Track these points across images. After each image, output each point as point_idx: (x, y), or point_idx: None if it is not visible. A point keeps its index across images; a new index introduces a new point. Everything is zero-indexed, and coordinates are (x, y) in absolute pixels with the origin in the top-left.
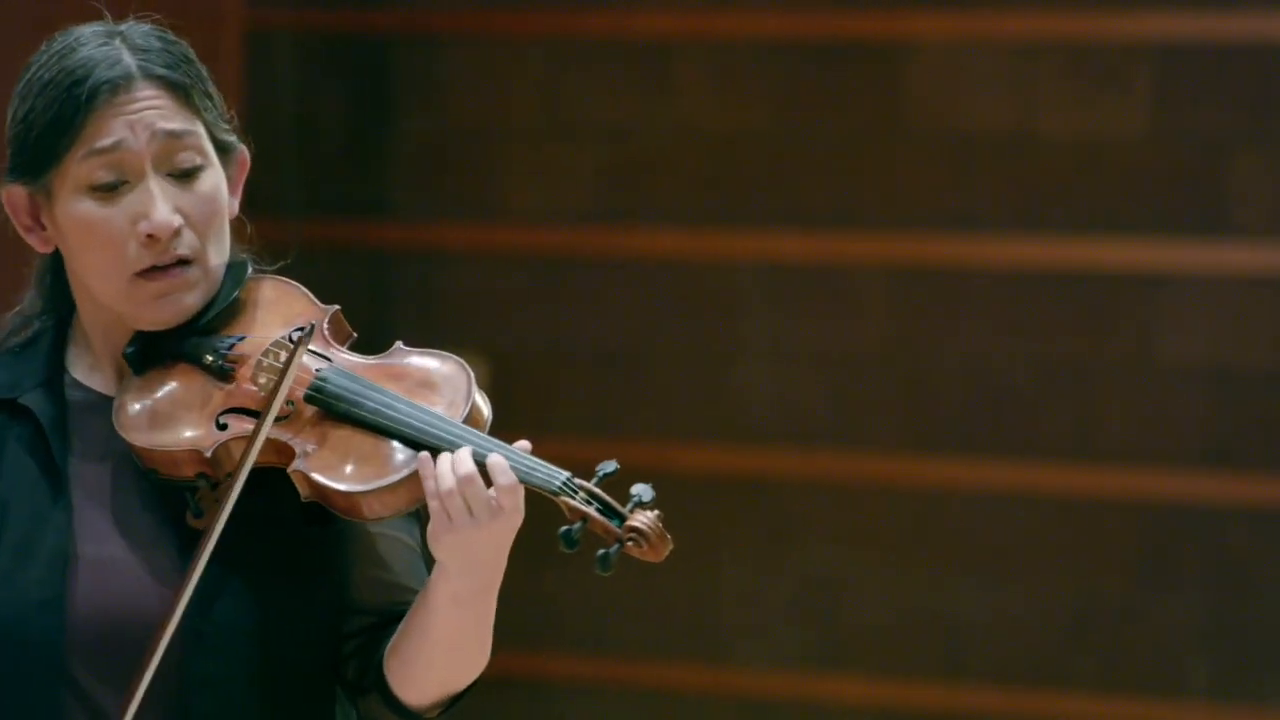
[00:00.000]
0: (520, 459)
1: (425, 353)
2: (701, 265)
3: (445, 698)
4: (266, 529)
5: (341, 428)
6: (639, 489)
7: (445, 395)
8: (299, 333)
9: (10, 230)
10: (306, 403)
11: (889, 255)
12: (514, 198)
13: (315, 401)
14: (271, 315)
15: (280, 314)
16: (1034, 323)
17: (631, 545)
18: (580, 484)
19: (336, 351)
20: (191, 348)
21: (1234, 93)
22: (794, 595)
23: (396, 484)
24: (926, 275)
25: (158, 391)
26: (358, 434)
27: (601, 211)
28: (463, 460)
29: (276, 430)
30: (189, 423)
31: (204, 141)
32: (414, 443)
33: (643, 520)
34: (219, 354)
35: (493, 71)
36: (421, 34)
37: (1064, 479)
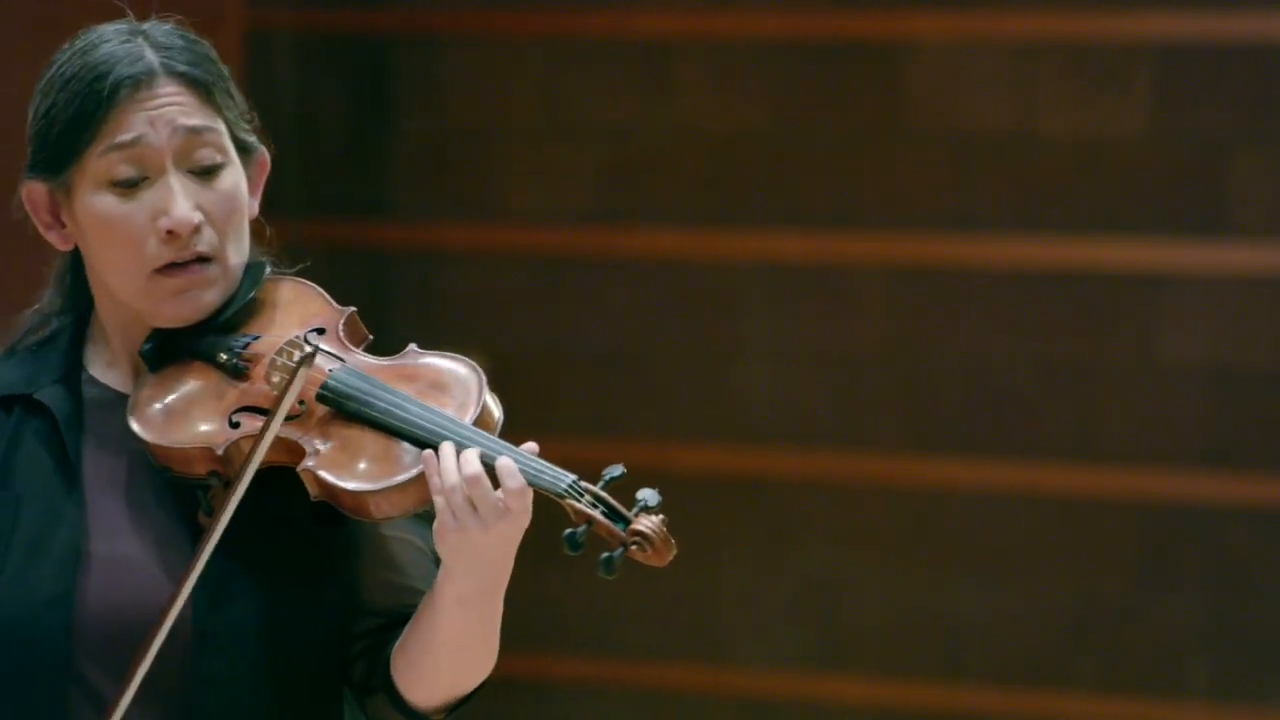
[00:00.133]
0: (528, 461)
1: (438, 355)
2: (701, 265)
3: (452, 699)
4: (277, 529)
5: (352, 428)
6: (645, 494)
7: (456, 397)
8: (313, 333)
9: (30, 228)
10: (318, 402)
11: (889, 255)
12: (514, 198)
13: (327, 401)
14: (288, 316)
15: (297, 315)
16: (1034, 323)
17: (635, 549)
18: (586, 487)
19: (350, 353)
20: (207, 346)
21: (1234, 93)
22: (794, 595)
23: (404, 484)
24: (926, 275)
25: (172, 389)
26: (368, 434)
27: (601, 211)
28: (469, 460)
29: (287, 429)
30: (202, 420)
31: (225, 139)
32: (422, 443)
33: (647, 524)
34: (234, 352)
35: (493, 71)
36: (421, 34)
37: (1064, 479)
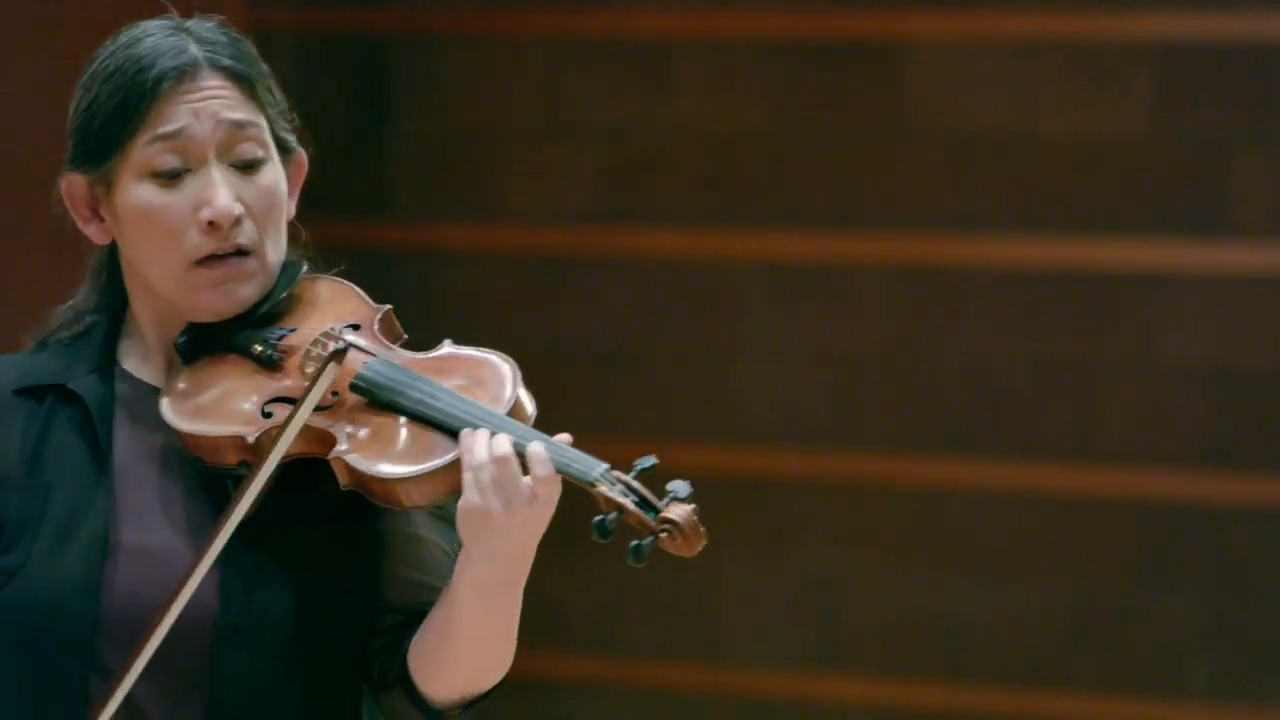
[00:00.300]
0: (560, 449)
1: (472, 349)
2: (701, 265)
3: (468, 696)
4: (304, 524)
5: (385, 417)
6: (676, 485)
7: (490, 390)
8: (348, 328)
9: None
10: (352, 392)
11: (889, 255)
12: (514, 198)
13: (360, 390)
14: (324, 312)
15: (333, 312)
16: (1034, 323)
17: (665, 537)
18: (618, 476)
19: (385, 348)
20: (242, 339)
21: (1234, 93)
22: (794, 595)
23: (436, 471)
24: (926, 275)
25: (206, 380)
26: (401, 423)
27: (601, 211)
28: (501, 441)
29: (318, 418)
30: (235, 411)
31: (266, 135)
32: (455, 432)
33: (678, 513)
34: (269, 344)
35: (493, 71)
36: (421, 34)
37: (1064, 479)
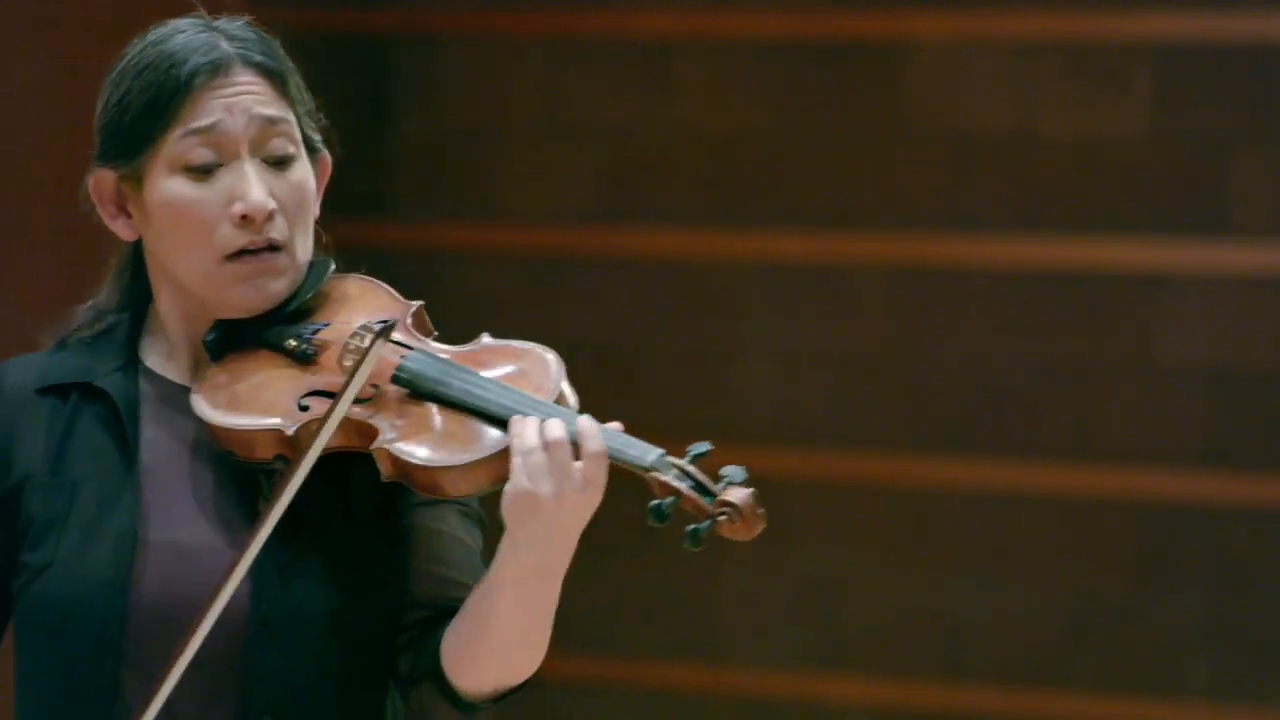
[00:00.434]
0: (613, 435)
1: (511, 342)
2: (701, 265)
3: (499, 689)
4: (336, 520)
5: (427, 407)
6: (730, 470)
7: (534, 380)
8: (383, 324)
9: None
10: (393, 384)
11: (889, 255)
12: (514, 198)
13: (402, 382)
14: (354, 309)
15: (364, 308)
16: (1034, 323)
17: (724, 520)
18: (673, 461)
19: (421, 342)
20: (274, 335)
21: (1234, 93)
22: (794, 595)
23: (484, 459)
24: (926, 275)
25: (238, 376)
26: (444, 413)
27: (601, 211)
28: (554, 426)
29: (357, 411)
30: (270, 405)
31: (297, 131)
32: (502, 420)
33: (737, 496)
34: (303, 338)
35: (493, 71)
36: (421, 34)
37: (1064, 479)
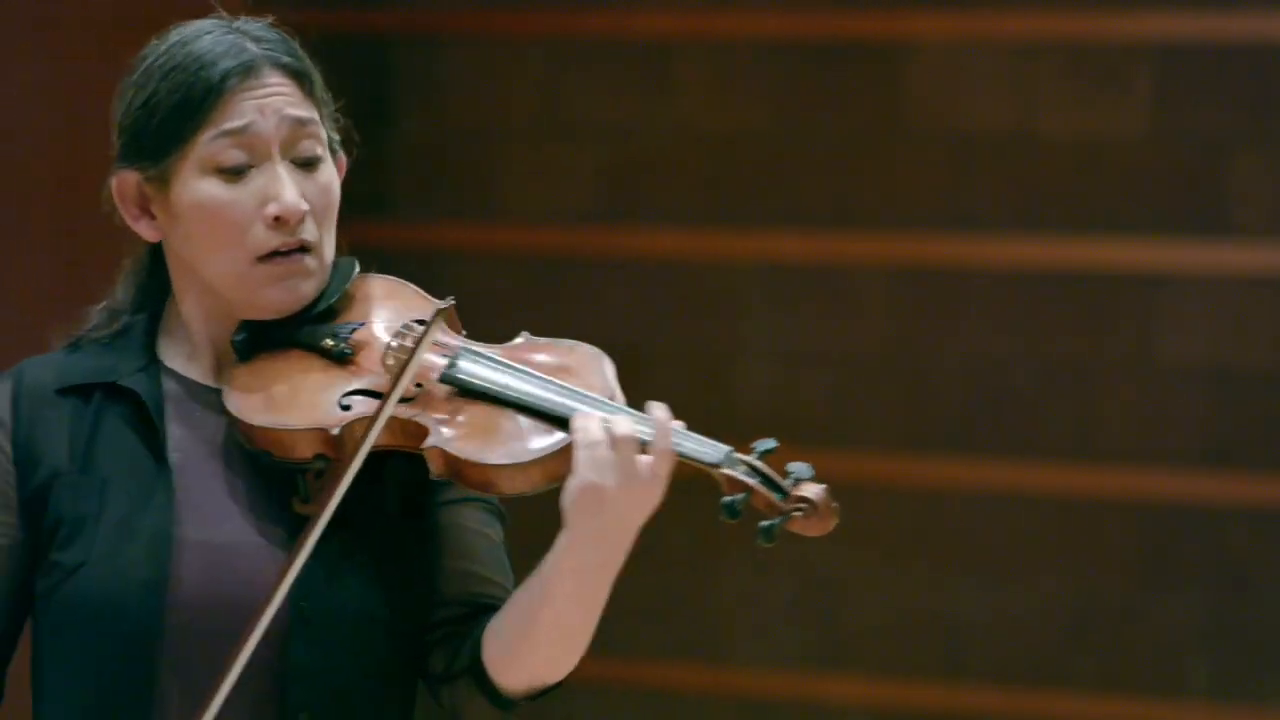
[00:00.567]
0: (680, 432)
1: (555, 340)
2: (701, 265)
3: (537, 687)
4: (370, 519)
5: (478, 405)
6: (796, 467)
7: (584, 378)
8: (415, 323)
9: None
10: (442, 382)
11: (889, 255)
12: (514, 198)
13: (452, 380)
14: (384, 308)
15: (393, 307)
16: (1034, 323)
17: (800, 516)
18: (741, 457)
19: (459, 340)
20: (306, 335)
21: (1234, 93)
22: (794, 595)
23: (543, 458)
24: (926, 275)
25: (272, 376)
26: (496, 411)
27: (601, 211)
28: (622, 421)
29: (403, 409)
30: (310, 404)
31: (323, 132)
32: (559, 416)
33: (813, 491)
34: (340, 338)
35: (493, 71)
36: (421, 34)
37: (1064, 479)
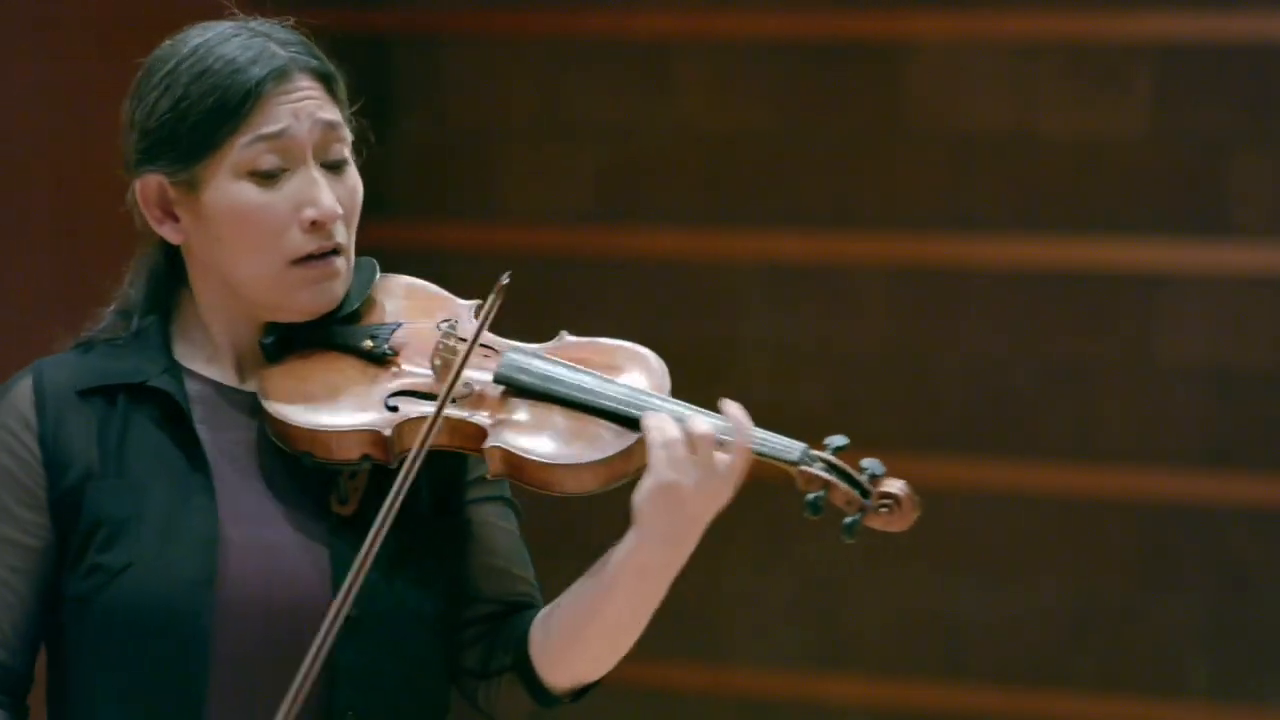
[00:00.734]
0: (755, 430)
1: (597, 340)
2: (701, 265)
3: (581, 684)
4: (407, 518)
5: (535, 404)
6: (870, 463)
7: (634, 376)
8: (445, 323)
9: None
10: (496, 382)
11: (889, 255)
12: (514, 198)
13: (508, 379)
14: (413, 307)
15: (420, 306)
16: (1034, 323)
17: (884, 512)
18: (818, 455)
19: (505, 341)
20: (342, 336)
21: (1234, 93)
22: (794, 595)
23: (611, 458)
24: (926, 275)
25: (307, 377)
26: (555, 410)
27: (601, 211)
28: (698, 418)
29: (456, 410)
30: (355, 406)
31: (348, 134)
32: (625, 417)
33: (897, 487)
34: (380, 339)
35: (493, 71)
36: (421, 34)
37: (1064, 479)
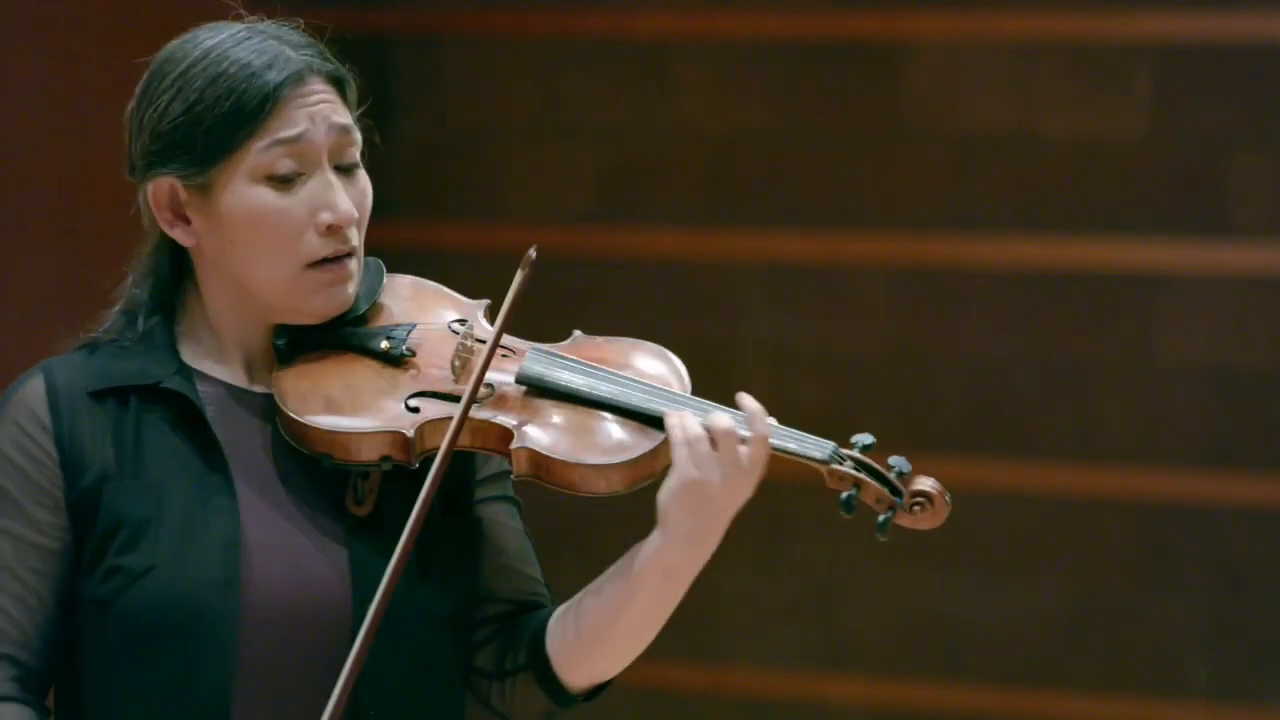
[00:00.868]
0: (779, 428)
1: (612, 338)
2: (701, 265)
3: (596, 683)
4: (428, 520)
5: (558, 405)
6: (897, 460)
7: (653, 374)
8: (457, 322)
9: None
10: (518, 382)
11: (889, 255)
12: (514, 198)
13: (530, 380)
14: (419, 306)
15: (428, 306)
16: (1034, 323)
17: (918, 509)
18: (847, 454)
19: (520, 340)
20: (356, 338)
21: (1234, 93)
22: (794, 595)
23: (639, 458)
24: (926, 275)
25: (322, 379)
26: (579, 410)
27: (601, 211)
28: (720, 414)
29: (479, 411)
30: (375, 407)
31: (359, 138)
32: (648, 416)
33: (928, 484)
34: (397, 340)
35: (493, 71)
36: (421, 34)
37: (1064, 479)
